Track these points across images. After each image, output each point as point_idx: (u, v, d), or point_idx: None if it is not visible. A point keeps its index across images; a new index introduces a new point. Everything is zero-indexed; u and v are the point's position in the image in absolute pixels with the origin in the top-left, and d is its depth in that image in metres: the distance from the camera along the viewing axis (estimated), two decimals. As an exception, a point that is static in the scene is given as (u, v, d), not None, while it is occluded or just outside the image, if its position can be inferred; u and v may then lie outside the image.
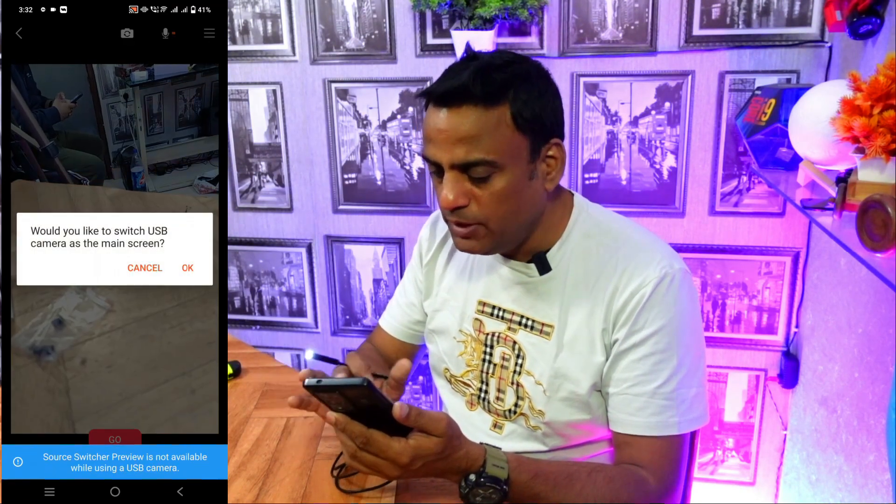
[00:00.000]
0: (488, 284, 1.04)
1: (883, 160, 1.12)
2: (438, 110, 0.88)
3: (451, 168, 0.89)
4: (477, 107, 0.86)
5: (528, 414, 1.00)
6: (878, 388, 1.41)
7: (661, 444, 0.93)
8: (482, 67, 0.87)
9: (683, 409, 0.93)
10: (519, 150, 0.89)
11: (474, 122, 0.86)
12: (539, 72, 0.92)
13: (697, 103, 1.82)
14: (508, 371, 1.01)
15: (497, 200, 0.89)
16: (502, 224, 0.92)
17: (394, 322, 1.20)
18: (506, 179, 0.89)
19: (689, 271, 0.96)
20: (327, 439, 1.04)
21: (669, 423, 0.92)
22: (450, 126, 0.87)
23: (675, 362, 0.92)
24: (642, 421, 0.93)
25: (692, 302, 0.95)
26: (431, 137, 0.89)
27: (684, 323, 0.93)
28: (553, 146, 0.92)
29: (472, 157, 0.87)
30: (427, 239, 1.15)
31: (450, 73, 0.89)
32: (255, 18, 1.99)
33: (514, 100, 0.87)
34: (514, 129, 0.87)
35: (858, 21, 1.39)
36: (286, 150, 2.09)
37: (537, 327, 0.99)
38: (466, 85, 0.85)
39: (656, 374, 0.92)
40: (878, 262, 1.00)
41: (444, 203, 0.90)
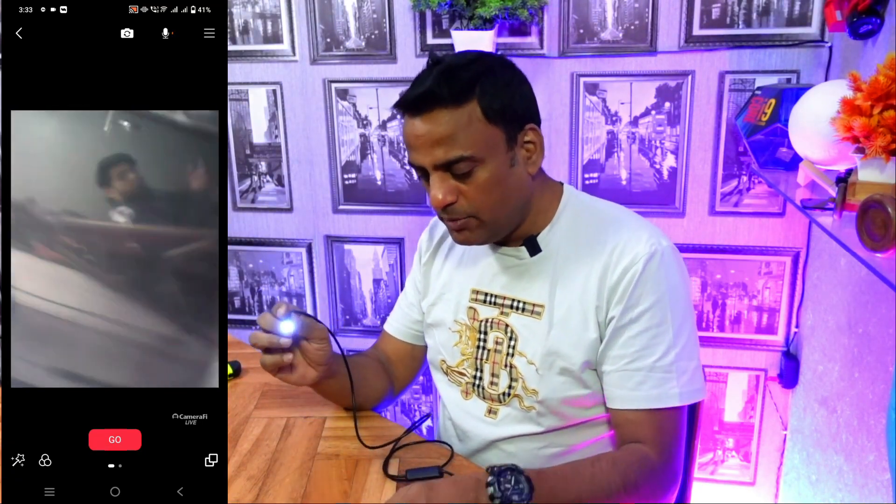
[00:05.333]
0: (481, 273, 1.06)
1: (883, 160, 1.11)
2: (412, 118, 0.92)
3: (435, 169, 0.92)
4: (446, 108, 0.90)
5: (522, 395, 1.01)
6: (878, 388, 1.41)
7: (661, 417, 0.94)
8: (445, 70, 0.91)
9: (684, 381, 0.95)
10: (495, 141, 0.92)
11: (447, 122, 0.90)
12: (503, 64, 0.95)
13: (697, 103, 1.82)
14: (501, 354, 1.03)
15: (483, 192, 0.93)
16: (492, 213, 0.95)
17: (396, 324, 1.22)
18: (488, 171, 0.92)
19: (675, 247, 0.98)
20: (327, 439, 1.04)
21: (671, 395, 0.94)
22: (425, 131, 0.91)
23: (671, 335, 0.94)
24: (643, 395, 0.94)
25: (682, 276, 0.98)
26: (411, 144, 0.93)
27: (677, 296, 0.95)
28: (529, 131, 0.95)
29: (451, 156, 0.90)
30: (426, 242, 1.18)
31: (417, 82, 0.93)
32: (255, 18, 1.99)
33: (482, 94, 0.90)
34: (486, 122, 0.91)
35: (858, 21, 1.38)
36: (286, 150, 2.09)
37: (528, 308, 1.01)
38: (432, 89, 0.89)
39: (653, 349, 0.94)
40: (878, 262, 1.00)
41: (434, 203, 0.93)
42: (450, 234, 1.00)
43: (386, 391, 1.17)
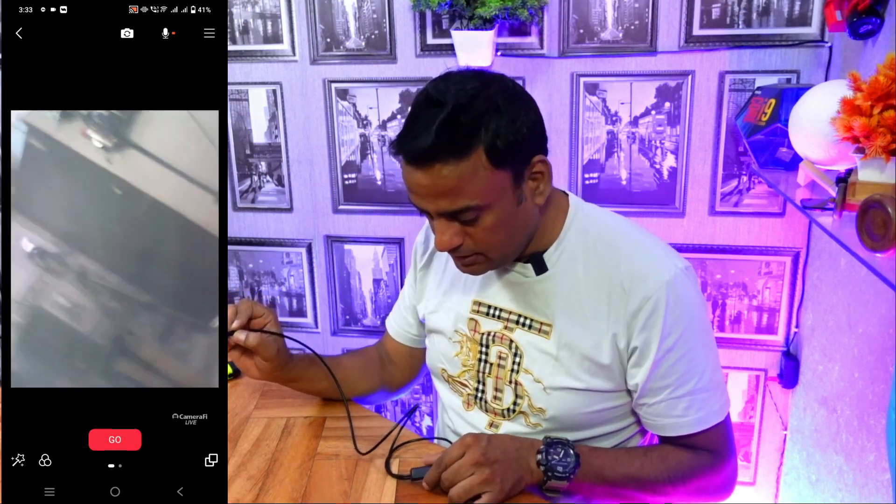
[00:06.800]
0: (483, 285, 1.05)
1: (883, 160, 1.11)
2: (412, 168, 0.87)
3: (440, 216, 0.89)
4: (449, 162, 0.84)
5: (528, 412, 1.01)
6: (878, 388, 1.41)
7: (713, 433, 0.97)
8: (447, 119, 0.83)
9: (720, 393, 0.98)
10: (502, 184, 0.88)
11: (450, 175, 0.85)
12: (507, 95, 0.88)
13: (697, 103, 1.82)
14: (506, 370, 1.02)
15: (490, 233, 0.90)
16: (500, 251, 0.93)
17: (395, 326, 1.22)
18: (495, 215, 0.89)
19: (690, 265, 0.98)
20: (327, 439, 1.04)
21: (715, 411, 0.97)
22: (427, 182, 0.86)
23: (704, 354, 0.96)
24: (691, 419, 0.96)
25: (700, 295, 0.99)
26: (412, 190, 0.89)
27: (700, 315, 0.97)
28: (536, 164, 0.91)
29: (457, 206, 0.87)
30: (422, 244, 1.16)
31: (415, 127, 0.85)
32: (255, 18, 1.99)
33: (487, 139, 0.84)
34: (492, 168, 0.86)
35: (858, 21, 1.38)
36: (286, 150, 2.09)
37: (535, 326, 0.99)
38: (434, 145, 0.83)
39: (692, 372, 0.95)
40: (878, 262, 1.00)
41: (440, 246, 0.91)
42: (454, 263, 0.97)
43: (375, 389, 1.17)
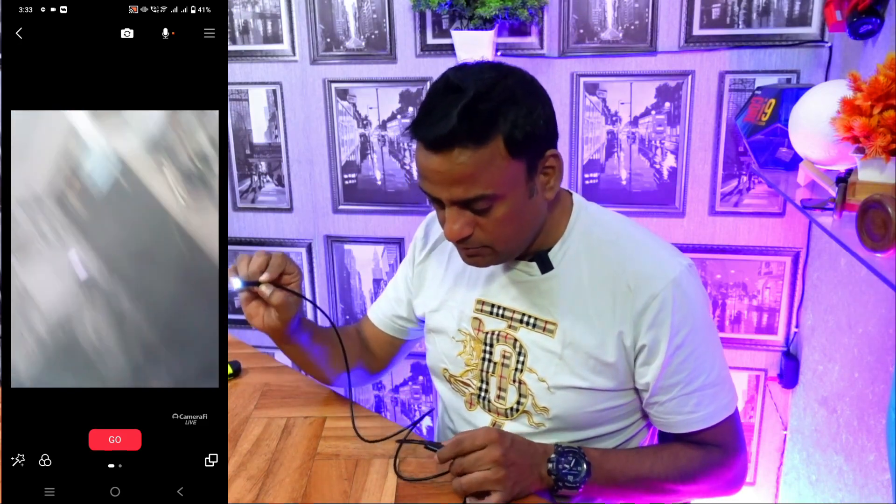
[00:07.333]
0: (487, 284, 1.04)
1: (883, 160, 1.12)
2: (429, 153, 0.86)
3: (452, 204, 0.89)
4: (468, 148, 0.84)
5: (532, 411, 1.01)
6: (878, 388, 1.41)
7: (723, 427, 0.98)
8: (468, 106, 0.83)
9: (727, 388, 0.98)
10: (517, 175, 0.88)
11: (467, 162, 0.84)
12: (525, 87, 0.88)
13: (697, 103, 1.82)
14: (509, 369, 1.02)
15: (501, 225, 0.90)
16: (508, 244, 0.93)
17: (380, 314, 1.21)
18: (507, 206, 0.88)
19: (693, 263, 0.99)
20: (327, 439, 1.04)
21: (724, 405, 0.97)
22: (444, 169, 0.85)
23: (711, 350, 0.97)
24: (702, 415, 0.96)
25: (704, 292, 1.00)
26: (426, 177, 0.88)
27: (705, 312, 0.98)
28: (549, 158, 0.91)
29: (471, 195, 0.86)
30: (421, 239, 1.16)
31: (434, 112, 0.85)
32: (255, 18, 1.99)
33: (505, 128, 0.85)
34: (508, 157, 0.86)
35: (858, 21, 1.38)
36: (286, 150, 2.09)
37: (540, 325, 0.99)
38: (454, 130, 0.83)
39: (700, 368, 0.96)
40: (878, 262, 1.00)
41: (450, 235, 0.90)
42: (458, 254, 0.97)
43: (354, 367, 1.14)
